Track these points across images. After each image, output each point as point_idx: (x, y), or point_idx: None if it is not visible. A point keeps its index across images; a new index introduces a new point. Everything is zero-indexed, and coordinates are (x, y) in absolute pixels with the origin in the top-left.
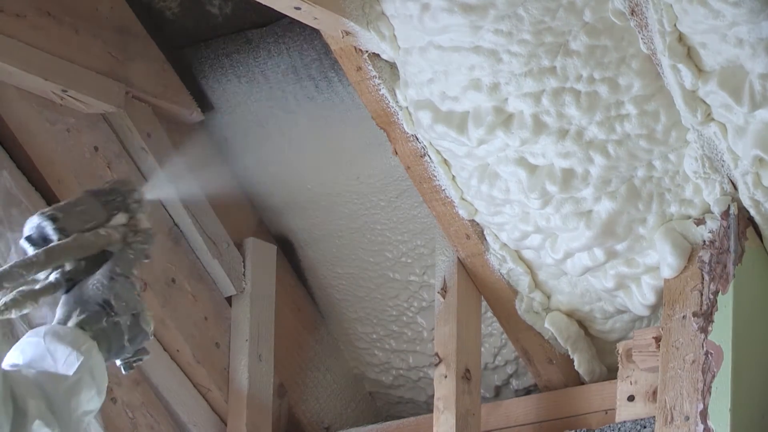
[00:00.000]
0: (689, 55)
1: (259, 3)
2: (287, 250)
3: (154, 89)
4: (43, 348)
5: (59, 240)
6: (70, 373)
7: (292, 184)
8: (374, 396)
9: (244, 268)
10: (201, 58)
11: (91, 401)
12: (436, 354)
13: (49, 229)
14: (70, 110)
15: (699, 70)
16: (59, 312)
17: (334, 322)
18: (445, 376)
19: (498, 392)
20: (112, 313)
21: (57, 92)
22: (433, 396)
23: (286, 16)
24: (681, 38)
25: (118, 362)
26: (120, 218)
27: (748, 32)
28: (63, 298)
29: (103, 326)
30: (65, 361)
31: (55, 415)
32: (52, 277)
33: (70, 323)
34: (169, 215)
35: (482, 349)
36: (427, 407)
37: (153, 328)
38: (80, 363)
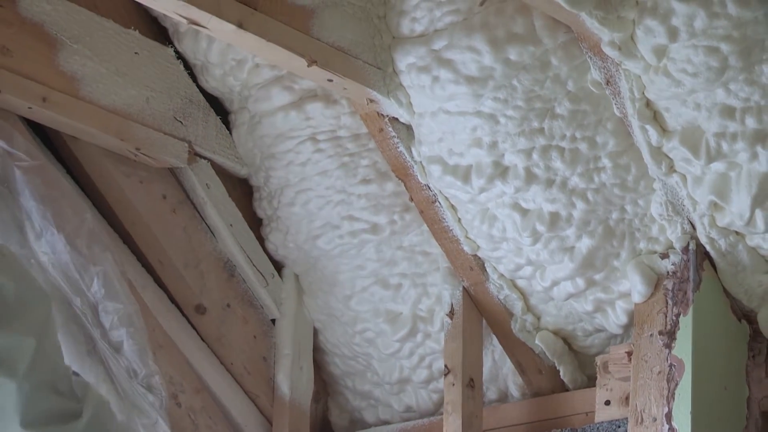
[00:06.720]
0: (655, 117)
1: None
2: None
3: (212, 147)
4: None
5: None
6: None
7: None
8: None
9: (286, 295)
10: (242, 125)
11: None
12: (445, 366)
13: None
14: (143, 165)
15: (663, 129)
16: None
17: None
18: (453, 384)
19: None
20: None
21: (131, 150)
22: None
23: None
24: (648, 103)
25: None
26: None
27: (705, 98)
28: None
29: None
30: None
31: None
32: None
33: None
34: (225, 252)
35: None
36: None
37: None
38: None
